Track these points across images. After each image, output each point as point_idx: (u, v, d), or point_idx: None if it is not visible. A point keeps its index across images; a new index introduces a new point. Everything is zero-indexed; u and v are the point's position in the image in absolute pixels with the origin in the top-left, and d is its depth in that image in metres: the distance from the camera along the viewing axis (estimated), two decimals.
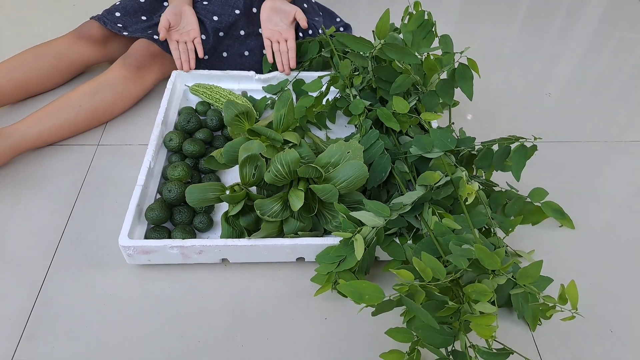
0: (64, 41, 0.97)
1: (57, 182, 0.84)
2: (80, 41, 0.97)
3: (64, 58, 0.96)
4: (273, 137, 0.74)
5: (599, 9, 1.40)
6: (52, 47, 0.95)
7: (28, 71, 0.93)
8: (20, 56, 0.93)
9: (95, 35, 0.98)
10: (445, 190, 0.69)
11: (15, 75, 0.91)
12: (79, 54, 0.98)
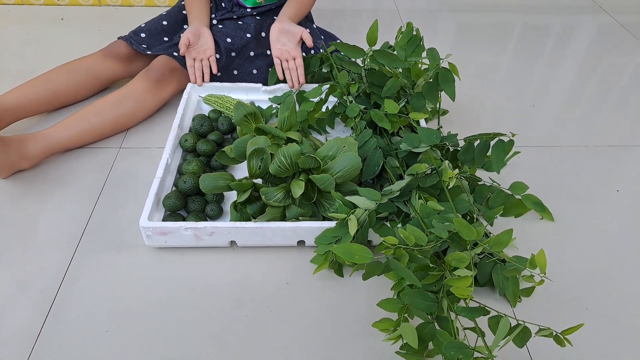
0: (94, 58, 1.08)
1: (83, 179, 0.93)
2: (108, 58, 1.09)
3: (93, 73, 1.07)
4: (277, 135, 0.83)
5: (586, 36, 1.50)
6: (84, 63, 1.07)
7: (62, 84, 1.04)
8: (55, 70, 1.04)
9: (122, 54, 1.10)
10: (431, 179, 0.78)
11: (50, 87, 1.02)
12: (107, 69, 1.09)
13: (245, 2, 1.16)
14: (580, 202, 0.92)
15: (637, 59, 1.37)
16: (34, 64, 1.24)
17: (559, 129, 1.10)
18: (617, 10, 1.61)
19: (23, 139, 0.91)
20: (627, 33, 1.49)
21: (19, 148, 0.90)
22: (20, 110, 0.99)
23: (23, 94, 0.99)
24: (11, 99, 0.97)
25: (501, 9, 1.63)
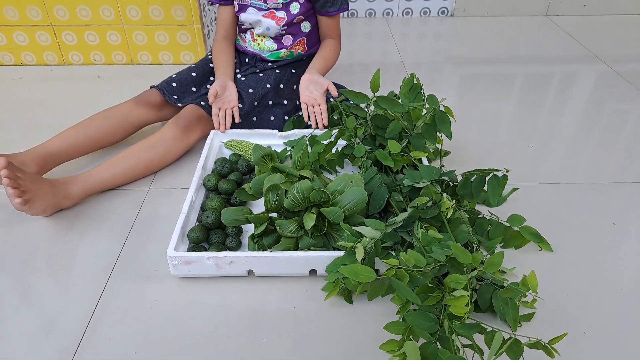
0: (127, 106, 1.20)
1: (116, 217, 1.03)
2: (140, 106, 1.21)
3: (126, 119, 1.19)
4: (291, 173, 0.92)
5: (583, 83, 1.59)
6: (118, 110, 1.19)
7: (98, 130, 1.15)
8: (92, 118, 1.16)
9: (154, 102, 1.22)
10: (432, 211, 0.84)
11: (88, 133, 1.14)
12: (139, 116, 1.21)
13: (269, 56, 1.29)
14: (578, 235, 0.97)
15: (630, 103, 1.44)
16: (74, 117, 1.36)
17: (556, 168, 1.17)
18: (613, 60, 1.71)
19: (67, 181, 1.02)
20: (622, 80, 1.58)
21: (64, 189, 1.00)
22: (62, 155, 1.11)
23: (64, 141, 1.11)
24: (54, 145, 1.10)
25: (502, 61, 1.74)
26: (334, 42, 1.29)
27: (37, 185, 0.95)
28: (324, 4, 1.21)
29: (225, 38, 1.30)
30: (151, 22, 1.58)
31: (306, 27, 1.26)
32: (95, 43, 1.62)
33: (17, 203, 0.91)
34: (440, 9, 2.13)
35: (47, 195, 0.97)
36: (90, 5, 1.54)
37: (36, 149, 1.08)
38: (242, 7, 1.25)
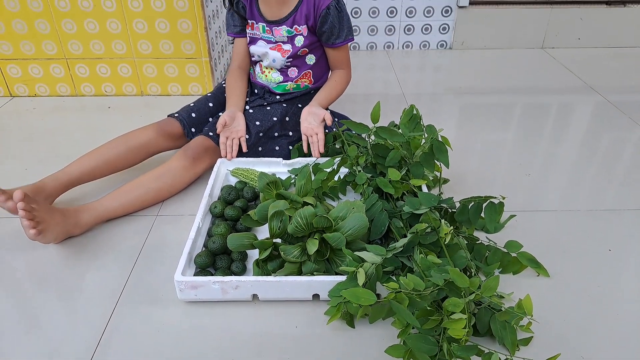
0: (147, 134, 1.24)
1: (125, 243, 1.06)
2: (160, 135, 1.25)
3: (145, 148, 1.24)
4: (295, 200, 0.95)
5: (580, 113, 1.64)
6: (136, 137, 1.23)
7: (118, 156, 1.20)
8: (113, 144, 1.21)
9: (174, 133, 1.27)
10: (431, 237, 0.87)
11: (107, 158, 1.18)
12: (158, 145, 1.26)
13: (276, 89, 1.35)
14: (575, 261, 0.99)
15: (625, 132, 1.48)
16: (85, 146, 1.41)
17: (553, 195, 1.20)
18: (607, 91, 1.76)
19: (78, 210, 1.05)
20: (616, 110, 1.62)
21: (74, 218, 1.04)
22: (83, 178, 1.16)
23: (84, 165, 1.16)
24: (75, 170, 1.15)
25: (500, 92, 1.79)
26: (342, 72, 1.35)
27: (50, 216, 0.98)
28: (329, 37, 1.27)
29: (239, 68, 1.36)
30: (161, 55, 1.65)
31: (311, 60, 1.32)
32: (107, 75, 1.69)
33: (32, 234, 0.94)
34: (439, 42, 2.21)
35: (59, 225, 1.00)
36: (103, 39, 1.61)
37: (58, 173, 1.13)
38: (252, 39, 1.32)
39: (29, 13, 1.56)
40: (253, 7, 1.28)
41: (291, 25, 1.25)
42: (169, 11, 1.56)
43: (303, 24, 1.25)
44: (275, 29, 1.26)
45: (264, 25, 1.28)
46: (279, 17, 1.26)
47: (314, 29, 1.26)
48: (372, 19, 2.15)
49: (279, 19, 1.26)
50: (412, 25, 2.16)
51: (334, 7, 1.23)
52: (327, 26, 1.24)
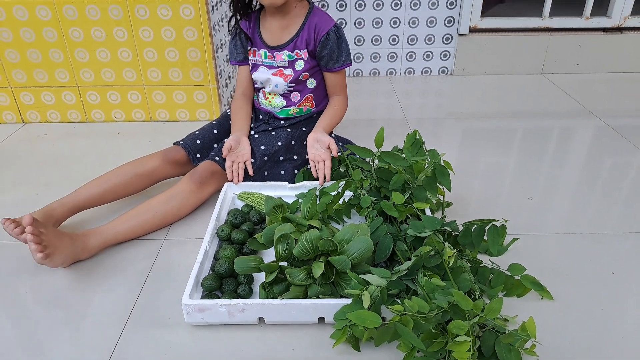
0: (154, 162, 1.27)
1: (133, 266, 1.07)
2: (166, 162, 1.28)
3: (152, 174, 1.26)
4: (301, 223, 0.97)
5: (580, 137, 1.67)
6: (143, 165, 1.26)
7: (125, 182, 1.22)
8: (120, 170, 1.24)
9: (180, 160, 1.30)
10: (435, 260, 0.89)
11: (115, 184, 1.21)
12: (165, 172, 1.28)
13: (280, 114, 1.38)
14: (578, 284, 1.00)
15: (626, 156, 1.50)
16: (94, 170, 1.44)
17: (556, 218, 1.21)
18: (606, 115, 1.79)
19: (86, 234, 1.08)
20: (616, 134, 1.65)
21: (82, 242, 1.06)
22: (90, 203, 1.18)
23: (92, 190, 1.19)
24: (83, 195, 1.17)
25: (501, 116, 1.83)
26: (339, 98, 1.38)
27: (58, 240, 1.00)
28: (328, 61, 1.31)
29: (243, 95, 1.41)
30: (170, 82, 1.69)
31: (312, 84, 1.36)
32: (117, 102, 1.74)
33: (39, 258, 0.96)
34: (440, 68, 2.26)
35: (67, 249, 1.02)
36: (114, 67, 1.67)
37: (66, 198, 1.15)
38: (254, 66, 1.36)
39: (44, 43, 1.62)
40: (255, 34, 1.33)
41: (292, 49, 1.30)
42: (178, 40, 1.61)
43: (304, 49, 1.29)
44: (276, 54, 1.31)
45: (266, 52, 1.32)
46: (281, 42, 1.31)
47: (314, 54, 1.31)
48: (375, 46, 2.21)
49: (280, 44, 1.31)
50: (414, 52, 2.22)
51: (333, 33, 1.27)
52: (326, 51, 1.28)
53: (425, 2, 2.10)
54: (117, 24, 1.59)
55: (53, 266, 1.02)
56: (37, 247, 0.95)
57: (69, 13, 1.57)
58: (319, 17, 1.29)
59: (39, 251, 0.96)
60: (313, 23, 1.28)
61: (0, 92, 1.71)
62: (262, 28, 1.33)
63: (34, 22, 1.58)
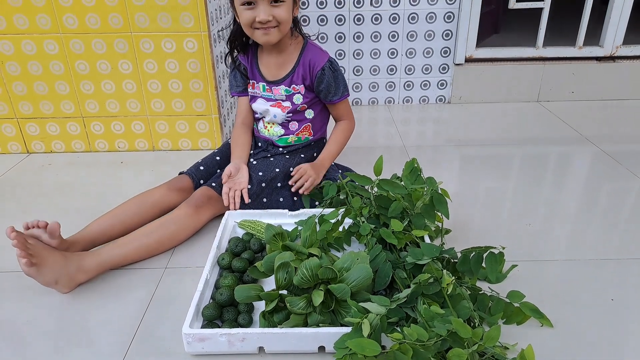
0: (160, 192, 1.30)
1: (134, 294, 1.08)
2: (173, 192, 1.31)
3: (159, 205, 1.28)
4: (301, 251, 0.98)
5: (576, 163, 1.69)
6: (151, 196, 1.28)
7: (134, 216, 1.23)
8: (129, 204, 1.25)
9: (185, 187, 1.33)
10: (434, 287, 0.89)
11: (124, 218, 1.22)
12: (171, 201, 1.30)
13: (278, 142, 1.41)
14: (577, 311, 1.00)
15: (622, 182, 1.52)
16: (97, 200, 1.48)
17: (554, 245, 1.22)
18: (601, 141, 1.82)
19: (81, 255, 1.08)
20: (612, 160, 1.67)
21: (77, 262, 1.06)
22: (98, 239, 1.18)
23: (102, 226, 1.19)
24: (94, 231, 1.18)
25: (499, 143, 1.85)
26: (345, 122, 1.43)
27: (47, 253, 1.02)
28: (327, 95, 1.35)
29: (243, 124, 1.44)
30: (173, 113, 1.73)
31: (310, 114, 1.40)
32: (121, 132, 1.77)
33: (23, 264, 0.97)
34: (438, 96, 2.30)
35: (57, 264, 1.03)
36: (118, 99, 1.71)
37: (78, 235, 1.16)
38: (253, 97, 1.41)
39: (51, 76, 1.66)
40: (254, 68, 1.38)
41: (289, 85, 1.34)
42: (182, 73, 1.65)
43: (300, 84, 1.34)
44: (274, 88, 1.35)
45: (264, 85, 1.37)
46: (278, 77, 1.35)
47: (312, 88, 1.35)
48: (373, 76, 2.26)
49: (277, 79, 1.35)
50: (412, 81, 2.27)
51: (328, 67, 1.32)
52: (323, 85, 1.32)
53: (422, 33, 2.16)
54: (123, 57, 1.63)
55: (44, 282, 1.02)
56: (21, 252, 0.97)
57: (75, 47, 1.62)
58: (313, 52, 1.34)
59: (23, 257, 0.97)
60: (307, 59, 1.33)
61: (7, 123, 1.75)
62: (260, 62, 1.38)
63: (42, 55, 1.63)
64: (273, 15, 1.21)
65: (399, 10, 2.11)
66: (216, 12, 1.73)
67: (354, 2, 2.10)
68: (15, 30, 1.59)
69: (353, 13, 2.12)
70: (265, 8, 1.19)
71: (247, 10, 1.21)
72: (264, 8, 1.19)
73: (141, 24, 1.58)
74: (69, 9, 1.56)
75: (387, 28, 2.15)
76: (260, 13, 1.20)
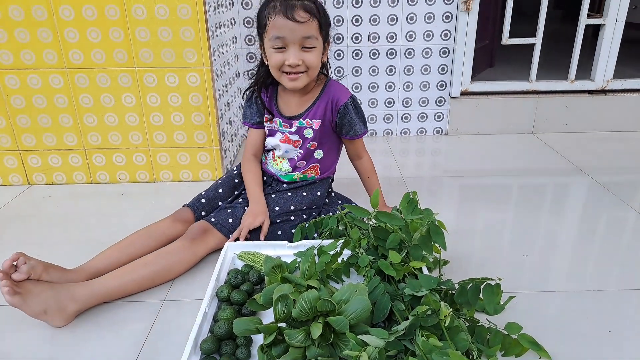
0: (166, 224, 1.31)
1: (130, 327, 1.07)
2: (177, 223, 1.32)
3: (165, 237, 1.29)
4: (299, 283, 0.99)
5: (572, 194, 1.72)
6: (157, 229, 1.29)
7: (140, 248, 1.24)
8: (134, 237, 1.26)
9: (188, 219, 1.34)
10: (432, 319, 0.89)
11: (130, 251, 1.22)
12: (176, 233, 1.30)
13: (284, 177, 1.43)
14: (575, 342, 1.00)
15: (617, 213, 1.54)
16: (97, 232, 1.48)
17: (552, 276, 1.23)
18: (595, 172, 1.84)
19: (72, 285, 1.08)
20: (606, 191, 1.69)
21: (66, 291, 1.06)
22: (104, 272, 1.17)
23: (108, 259, 1.20)
24: (100, 264, 1.18)
25: (497, 174, 1.88)
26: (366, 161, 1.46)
27: (31, 285, 1.02)
28: (349, 130, 1.37)
29: (254, 156, 1.45)
30: (175, 145, 1.76)
31: (319, 155, 1.42)
32: (122, 164, 1.80)
33: (5, 292, 0.97)
34: (435, 128, 2.35)
35: (44, 293, 1.02)
36: (121, 131, 1.74)
37: (84, 268, 1.16)
38: (271, 132, 1.42)
39: (55, 109, 1.70)
40: (272, 103, 1.40)
41: (305, 118, 1.36)
42: (184, 105, 1.69)
43: (318, 119, 1.36)
44: (292, 122, 1.38)
45: (281, 121, 1.39)
46: (297, 113, 1.37)
47: (331, 122, 1.37)
48: (372, 108, 2.31)
49: (297, 115, 1.37)
50: (409, 114, 2.31)
51: (350, 104, 1.34)
52: (346, 120, 1.35)
53: (418, 68, 2.22)
54: (126, 91, 1.68)
55: (31, 313, 1.01)
56: (4, 282, 0.97)
57: (80, 81, 1.66)
58: (335, 88, 1.36)
59: (5, 286, 0.97)
60: (330, 94, 1.35)
61: (9, 155, 1.78)
62: (280, 100, 1.40)
63: (47, 89, 1.67)
64: (303, 60, 1.22)
65: (396, 46, 2.18)
66: (218, 48, 1.79)
67: (352, 37, 2.17)
68: (21, 65, 1.64)
69: (352, 48, 2.19)
70: (295, 52, 1.21)
71: (277, 52, 1.23)
72: (295, 52, 1.21)
73: (145, 59, 1.63)
74: (75, 45, 1.61)
75: (385, 63, 2.21)
76: (290, 56, 1.21)
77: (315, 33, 1.22)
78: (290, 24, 1.18)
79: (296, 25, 1.19)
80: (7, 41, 1.60)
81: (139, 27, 1.59)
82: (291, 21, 1.18)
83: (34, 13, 1.57)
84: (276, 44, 1.22)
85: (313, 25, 1.21)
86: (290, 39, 1.20)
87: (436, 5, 2.10)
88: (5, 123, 1.72)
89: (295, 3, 1.19)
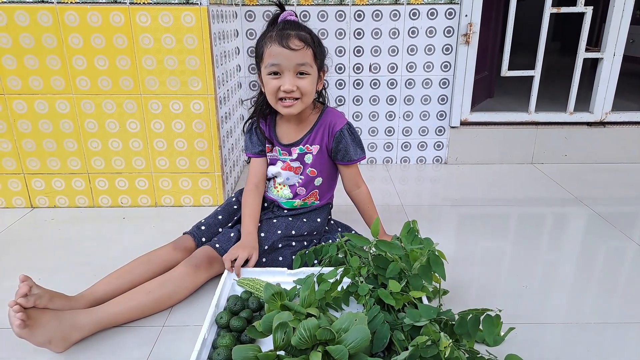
0: (166, 251, 1.31)
1: (131, 353, 1.06)
2: (177, 251, 1.32)
3: (165, 264, 1.28)
4: (299, 311, 0.99)
5: (571, 225, 1.72)
6: (158, 256, 1.29)
7: (140, 275, 1.23)
8: (135, 264, 1.26)
9: (189, 247, 1.34)
10: (431, 350, 0.89)
11: (130, 278, 1.22)
12: (177, 260, 1.30)
13: (285, 204, 1.44)
14: None
15: (616, 244, 1.54)
16: (98, 255, 1.49)
17: (552, 308, 1.22)
18: (594, 203, 1.86)
19: (75, 312, 1.08)
20: (605, 222, 1.70)
21: (70, 319, 1.05)
22: (104, 299, 1.16)
23: (109, 286, 1.19)
24: (101, 291, 1.18)
25: (497, 204, 1.89)
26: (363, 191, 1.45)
27: (38, 313, 1.02)
28: (344, 156, 1.39)
29: (256, 187, 1.45)
30: (177, 170, 1.78)
31: (319, 182, 1.44)
32: (125, 188, 1.81)
33: (16, 325, 0.97)
34: (434, 157, 2.37)
35: (50, 324, 1.02)
36: (124, 156, 1.76)
37: (85, 295, 1.16)
38: (272, 160, 1.45)
39: (60, 133, 1.73)
40: (271, 132, 1.43)
41: (304, 144, 1.39)
42: (187, 132, 1.72)
43: (316, 144, 1.39)
44: (291, 150, 1.40)
45: (280, 149, 1.41)
46: (295, 140, 1.40)
47: (327, 148, 1.40)
48: (372, 137, 2.34)
49: (295, 142, 1.40)
50: (409, 142, 2.34)
51: (346, 130, 1.38)
52: (341, 146, 1.37)
53: (418, 97, 2.26)
54: (131, 117, 1.71)
55: (37, 343, 1.01)
56: (20, 314, 0.97)
57: (86, 107, 1.69)
58: (332, 115, 1.40)
59: (20, 319, 0.97)
60: (327, 120, 1.38)
61: (13, 178, 1.79)
62: (278, 128, 1.43)
63: (53, 114, 1.70)
64: (297, 86, 1.27)
65: (397, 76, 2.22)
66: (223, 76, 1.83)
67: (354, 68, 2.21)
68: (29, 91, 1.67)
69: (353, 78, 2.24)
70: (290, 78, 1.26)
71: (273, 79, 1.28)
72: (289, 78, 1.26)
73: (151, 86, 1.67)
74: (83, 72, 1.65)
75: (385, 92, 2.26)
76: (285, 82, 1.26)
77: (309, 61, 1.27)
78: (285, 51, 1.24)
79: (291, 53, 1.24)
80: (17, 67, 1.64)
81: (146, 56, 1.63)
82: (286, 49, 1.23)
83: (44, 41, 1.61)
84: (272, 70, 1.27)
85: (307, 53, 1.26)
86: (285, 65, 1.25)
87: (436, 37, 2.16)
88: (12, 147, 1.74)
89: (291, 33, 1.25)
